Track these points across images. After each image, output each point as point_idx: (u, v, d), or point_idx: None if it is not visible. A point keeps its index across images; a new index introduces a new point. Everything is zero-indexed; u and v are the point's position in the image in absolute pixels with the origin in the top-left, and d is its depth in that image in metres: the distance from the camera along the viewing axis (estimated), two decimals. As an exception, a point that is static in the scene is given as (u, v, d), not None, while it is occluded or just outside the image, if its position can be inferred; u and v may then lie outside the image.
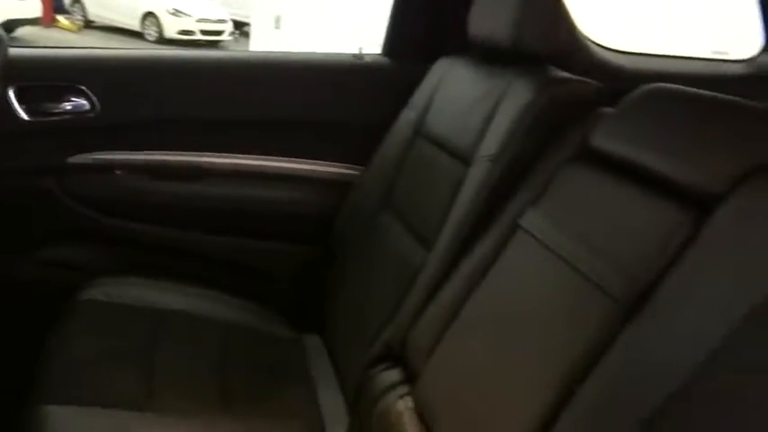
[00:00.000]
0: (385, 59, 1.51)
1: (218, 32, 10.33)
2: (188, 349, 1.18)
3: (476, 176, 0.99)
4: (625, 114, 0.84)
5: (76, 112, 1.34)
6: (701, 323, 0.57)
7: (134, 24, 9.91)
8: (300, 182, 1.47)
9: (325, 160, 1.46)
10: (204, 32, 10.12)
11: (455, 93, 1.20)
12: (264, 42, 6.96)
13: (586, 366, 0.65)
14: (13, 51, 1.17)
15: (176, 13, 9.96)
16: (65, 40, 8.76)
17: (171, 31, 9.81)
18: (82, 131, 1.36)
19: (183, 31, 9.87)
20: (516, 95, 0.99)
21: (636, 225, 0.70)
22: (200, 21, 10.13)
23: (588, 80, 1.00)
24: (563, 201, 0.85)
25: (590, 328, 0.67)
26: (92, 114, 1.35)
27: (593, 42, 1.53)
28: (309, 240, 1.47)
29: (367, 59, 1.49)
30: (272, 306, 1.41)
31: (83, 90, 1.34)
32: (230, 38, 10.48)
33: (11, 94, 1.28)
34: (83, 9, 10.19)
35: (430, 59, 1.34)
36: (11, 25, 6.79)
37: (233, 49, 9.34)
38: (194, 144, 1.43)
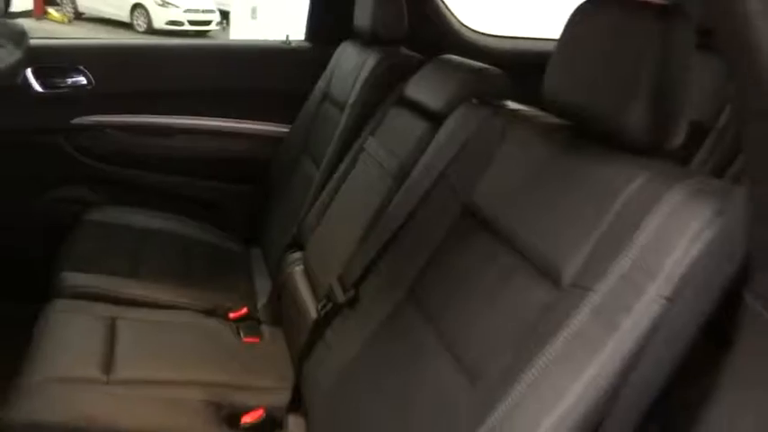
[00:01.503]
0: (306, 44, 2.01)
1: (206, 23, 10.49)
2: (163, 252, 1.68)
3: (344, 118, 1.51)
4: (422, 75, 1.35)
5: (77, 85, 1.83)
6: None
7: (123, 16, 10.15)
8: (244, 136, 1.97)
9: (261, 120, 1.97)
10: (192, 23, 10.29)
11: (343, 66, 1.71)
12: (243, 31, 7.43)
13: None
14: (32, 42, 1.67)
15: (164, 4, 10.13)
16: (56, 32, 9.05)
17: (159, 21, 10.02)
18: (82, 100, 1.85)
19: (172, 21, 10.09)
20: (368, 65, 1.51)
21: (408, 135, 1.22)
22: (187, 11, 10.28)
23: (414, 54, 1.51)
24: (387, 130, 1.37)
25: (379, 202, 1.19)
26: (89, 87, 1.84)
27: (468, 28, 2.03)
28: (250, 180, 1.97)
29: (293, 44, 1.99)
30: (225, 228, 1.92)
31: (82, 69, 1.83)
32: (217, 27, 10.58)
33: (29, 72, 1.77)
34: (73, 1, 10.44)
35: (338, 43, 1.84)
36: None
37: (220, 38, 9.67)
38: (166, 109, 1.92)
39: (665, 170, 0.72)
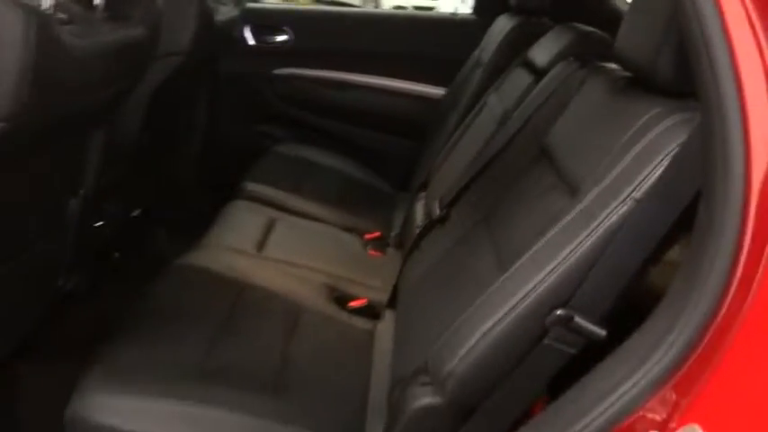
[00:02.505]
0: (471, 16, 2.23)
1: (429, 9, 11.16)
2: (325, 181, 2.04)
3: (476, 78, 1.72)
4: (544, 39, 1.51)
5: (281, 42, 2.26)
6: None
7: (355, 1, 11.18)
8: (408, 96, 2.26)
9: (424, 82, 2.24)
10: (416, 8, 11.02)
11: (492, 35, 1.90)
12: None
13: None
14: (248, 5, 2.12)
15: (393, -11, 10.97)
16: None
17: (387, 6, 10.87)
18: (283, 54, 2.28)
19: (398, 6, 10.89)
20: (504, 32, 1.70)
21: (517, 88, 1.40)
22: (414, -3, 11.03)
23: (547, 23, 1.65)
24: (505, 86, 1.55)
25: (483, 142, 1.39)
26: (290, 44, 2.26)
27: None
28: (409, 134, 2.25)
29: (459, 16, 2.23)
30: (383, 173, 2.23)
31: (286, 29, 2.25)
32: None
33: (246, 30, 2.23)
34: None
35: (498, 16, 2.04)
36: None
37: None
38: (349, 66, 2.27)
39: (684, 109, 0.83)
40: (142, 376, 0.99)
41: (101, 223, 1.59)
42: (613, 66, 1.13)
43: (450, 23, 2.24)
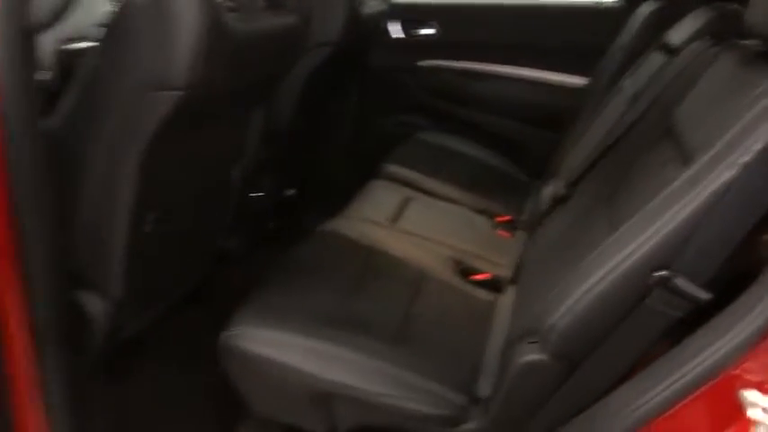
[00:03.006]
0: (616, 4, 2.18)
1: None
2: (462, 167, 2.11)
3: (611, 63, 1.70)
4: (683, 22, 1.47)
5: (427, 35, 2.37)
6: None
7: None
8: (548, 86, 2.27)
9: (567, 72, 2.23)
10: None
11: (632, 25, 1.87)
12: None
13: None
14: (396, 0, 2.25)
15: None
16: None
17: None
18: (428, 47, 2.39)
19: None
20: (641, 17, 1.66)
21: (650, 69, 1.38)
22: None
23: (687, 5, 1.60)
24: (640, 69, 1.53)
25: (612, 123, 1.39)
26: (435, 37, 2.36)
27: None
28: (549, 125, 2.26)
29: (604, 4, 2.20)
30: (520, 163, 2.26)
31: (432, 23, 2.36)
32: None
33: (394, 24, 2.36)
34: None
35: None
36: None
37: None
38: (490, 57, 2.33)
39: None
40: (285, 316, 1.14)
41: (259, 194, 1.80)
42: (751, 42, 1.10)
43: (594, 12, 2.22)
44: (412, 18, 2.38)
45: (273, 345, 1.09)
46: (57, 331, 0.99)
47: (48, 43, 1.20)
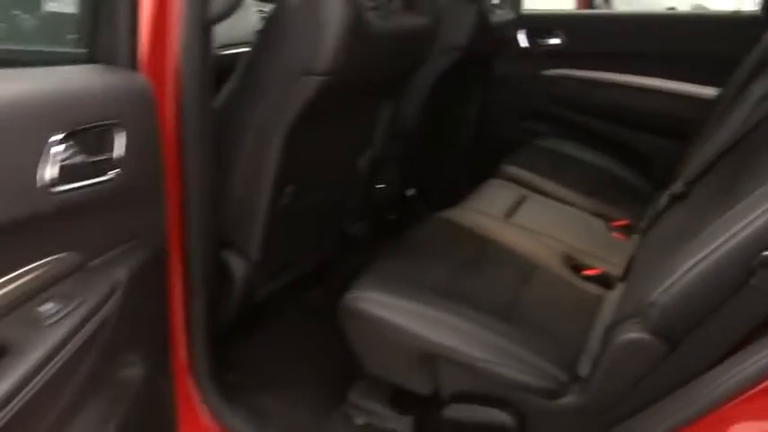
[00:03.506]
0: (759, 13, 2.11)
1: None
2: (581, 172, 2.13)
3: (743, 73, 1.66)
4: None
5: (553, 45, 2.41)
6: None
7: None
8: (677, 96, 2.22)
9: (696, 82, 2.18)
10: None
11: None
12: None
13: None
14: (524, 11, 2.32)
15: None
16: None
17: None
18: (554, 56, 2.43)
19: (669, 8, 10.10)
20: None
21: None
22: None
23: None
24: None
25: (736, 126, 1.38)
26: (561, 47, 2.40)
27: None
28: (672, 135, 2.21)
29: (744, 14, 2.13)
30: (644, 172, 2.23)
31: (558, 33, 2.40)
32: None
33: (521, 33, 2.43)
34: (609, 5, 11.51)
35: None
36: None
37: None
38: (616, 67, 2.33)
39: None
40: (402, 284, 1.25)
41: (381, 186, 1.94)
42: None
43: (732, 21, 2.15)
44: (538, 28, 2.43)
45: (389, 308, 1.19)
46: (206, 281, 1.16)
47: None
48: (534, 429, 1.15)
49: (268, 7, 1.93)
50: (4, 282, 0.66)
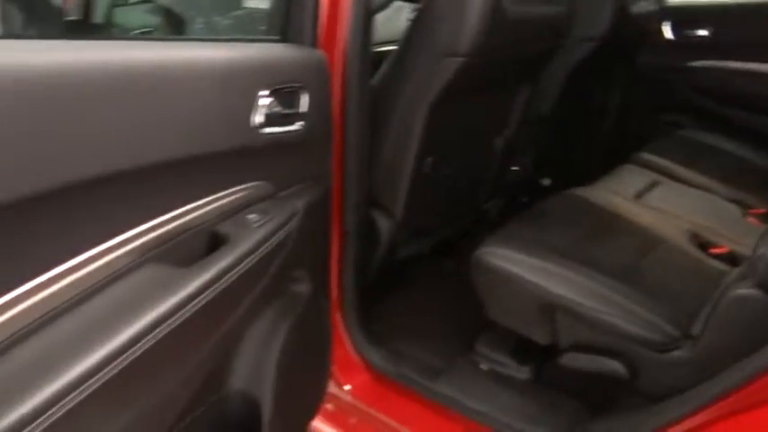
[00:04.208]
0: None
1: None
2: (717, 161, 2.12)
3: None
4: None
5: (700, 36, 2.40)
6: None
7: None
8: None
9: None
10: None
11: None
12: None
13: None
14: (669, 2, 2.33)
15: None
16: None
17: None
18: (701, 48, 2.40)
19: None
20: None
21: None
22: None
23: None
24: None
25: None
26: (709, 38, 2.38)
27: None
28: None
29: None
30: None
31: (705, 24, 2.38)
32: None
33: (666, 25, 2.44)
34: None
35: None
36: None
37: None
38: (754, 56, 2.26)
39: None
40: (527, 243, 1.39)
41: (515, 169, 2.07)
42: None
43: None
44: (685, 20, 2.43)
45: (515, 262, 1.34)
46: (357, 231, 1.39)
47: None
48: (645, 381, 1.24)
49: (417, 6, 2.16)
50: (228, 194, 0.92)
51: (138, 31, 2.01)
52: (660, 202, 1.76)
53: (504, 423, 1.34)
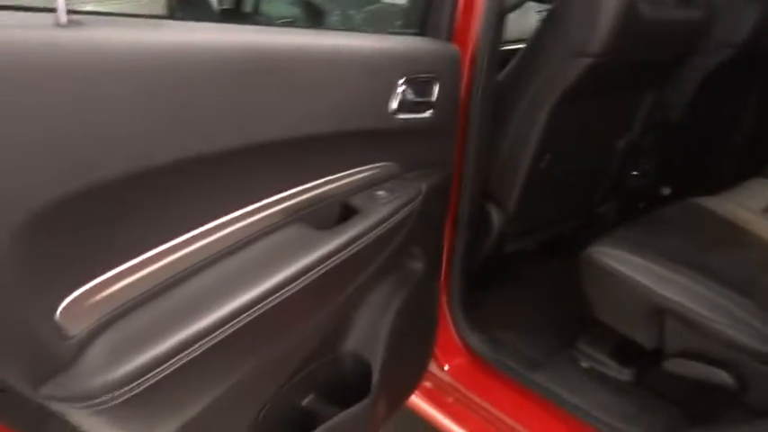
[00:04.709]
0: None
1: None
2: None
3: None
4: None
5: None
6: None
7: None
8: None
9: None
10: None
11: None
12: None
13: None
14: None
15: None
16: None
17: None
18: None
19: None
20: None
21: None
22: None
23: None
24: None
25: None
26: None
27: None
28: None
29: None
30: None
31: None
32: None
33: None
34: None
35: None
36: None
37: None
38: None
39: None
40: (641, 246, 1.39)
41: (636, 174, 2.05)
42: None
43: None
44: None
45: (627, 263, 1.35)
46: (470, 220, 1.45)
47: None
48: (754, 395, 1.22)
49: (545, 7, 2.18)
50: (362, 170, 1.02)
51: (281, 21, 2.18)
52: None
53: (599, 419, 1.36)
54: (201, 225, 0.84)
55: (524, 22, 2.27)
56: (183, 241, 0.81)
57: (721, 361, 1.24)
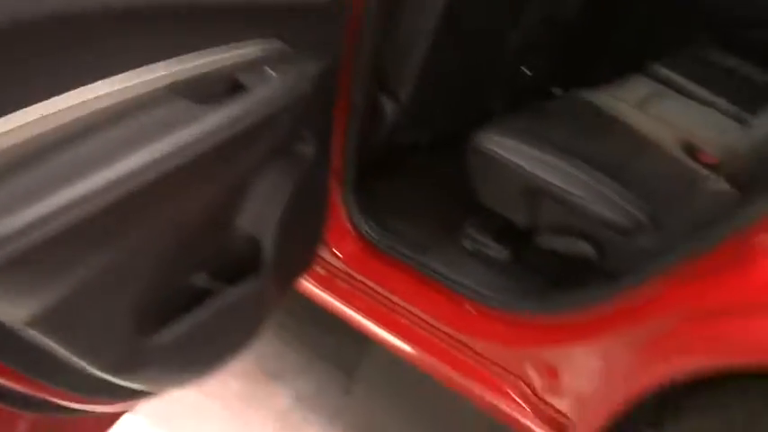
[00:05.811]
0: None
1: None
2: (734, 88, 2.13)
3: None
4: None
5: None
6: None
7: None
8: None
9: None
10: None
11: None
12: None
13: None
14: None
15: None
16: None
17: None
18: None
19: None
20: None
21: None
22: None
23: None
24: None
25: None
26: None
27: None
28: None
29: None
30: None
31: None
32: None
33: None
34: None
35: None
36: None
37: None
38: None
39: None
40: (522, 133, 1.46)
41: (527, 72, 2.09)
42: None
43: None
44: None
45: (506, 148, 1.42)
46: (363, 113, 1.46)
47: None
48: (610, 262, 1.36)
49: None
50: (250, 44, 0.99)
51: None
52: (661, 112, 1.81)
53: (480, 293, 1.47)
54: (70, 89, 0.80)
55: None
56: (52, 104, 0.78)
57: (583, 234, 1.37)
